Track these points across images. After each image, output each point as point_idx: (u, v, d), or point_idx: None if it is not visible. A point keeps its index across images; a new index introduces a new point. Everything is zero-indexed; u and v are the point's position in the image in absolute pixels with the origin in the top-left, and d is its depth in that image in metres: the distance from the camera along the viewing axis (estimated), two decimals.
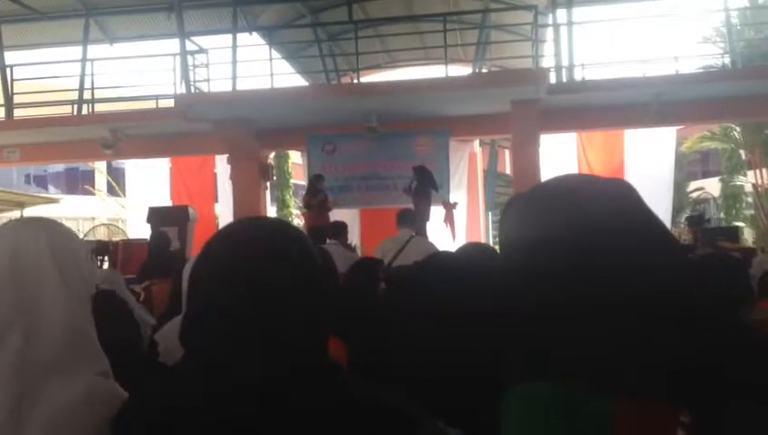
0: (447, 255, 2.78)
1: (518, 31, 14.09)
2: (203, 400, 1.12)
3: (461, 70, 15.66)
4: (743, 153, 20.87)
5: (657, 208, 1.14)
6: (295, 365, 1.12)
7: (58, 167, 32.75)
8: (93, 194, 29.42)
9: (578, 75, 12.23)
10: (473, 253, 2.46)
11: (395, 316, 2.50)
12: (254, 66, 14.39)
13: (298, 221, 19.33)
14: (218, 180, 15.68)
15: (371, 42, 15.49)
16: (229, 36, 13.65)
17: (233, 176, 12.76)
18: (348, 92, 12.46)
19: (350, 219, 12.16)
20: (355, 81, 14.41)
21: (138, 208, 15.17)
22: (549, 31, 12.83)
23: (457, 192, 13.50)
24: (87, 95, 14.01)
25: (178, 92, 12.68)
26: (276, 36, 14.83)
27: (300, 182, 17.90)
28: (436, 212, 11.26)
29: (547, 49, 13.50)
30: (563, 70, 12.03)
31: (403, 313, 2.39)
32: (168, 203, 15.18)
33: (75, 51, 14.67)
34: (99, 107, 14.36)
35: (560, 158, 13.99)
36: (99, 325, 1.57)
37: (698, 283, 1.13)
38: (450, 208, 11.89)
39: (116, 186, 24.55)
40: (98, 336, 1.44)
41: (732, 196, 21.82)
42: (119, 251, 11.85)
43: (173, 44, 13.56)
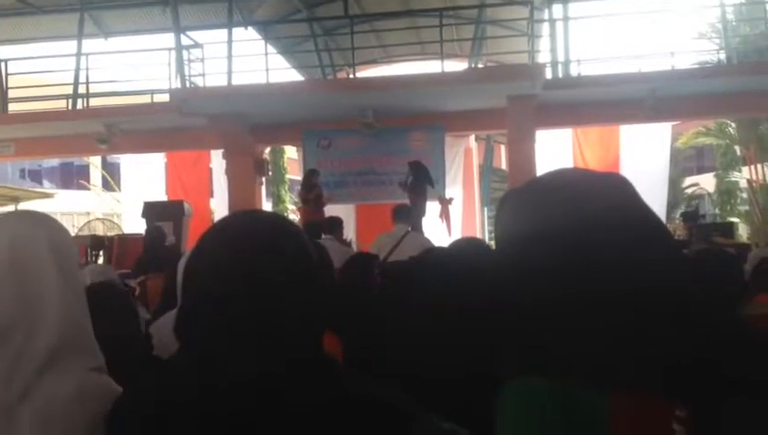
0: (443, 250, 2.78)
1: (514, 26, 14.08)
2: (198, 394, 1.11)
3: (457, 65, 15.67)
4: (738, 149, 20.89)
5: (652, 204, 1.14)
6: (291, 360, 1.12)
7: (53, 161, 32.70)
8: (88, 189, 29.35)
9: (574, 71, 12.25)
10: (466, 248, 2.45)
11: (390, 311, 2.50)
12: (250, 61, 14.32)
13: (293, 216, 19.32)
14: (214, 175, 15.64)
15: (367, 37, 15.45)
16: (224, 31, 13.62)
17: (228, 171, 12.74)
18: (343, 88, 12.45)
19: (346, 214, 12.16)
20: (351, 76, 14.39)
21: (133, 203, 15.14)
22: (545, 26, 12.82)
23: (453, 187, 13.51)
24: (82, 90, 13.95)
25: (173, 87, 12.65)
26: (272, 31, 14.80)
27: (295, 177, 17.90)
28: (431, 207, 11.27)
29: (543, 44, 13.49)
30: (559, 65, 12.04)
31: (398, 308, 2.39)
32: (164, 198, 15.15)
33: (70, 45, 14.64)
34: (93, 101, 14.30)
35: (555, 153, 14.00)
36: (102, 318, 1.57)
37: (693, 278, 1.14)
38: (446, 204, 11.89)
39: (111, 180, 24.50)
40: (102, 328, 1.44)
41: (727, 192, 21.84)
42: (114, 246, 11.83)
43: (168, 39, 13.53)
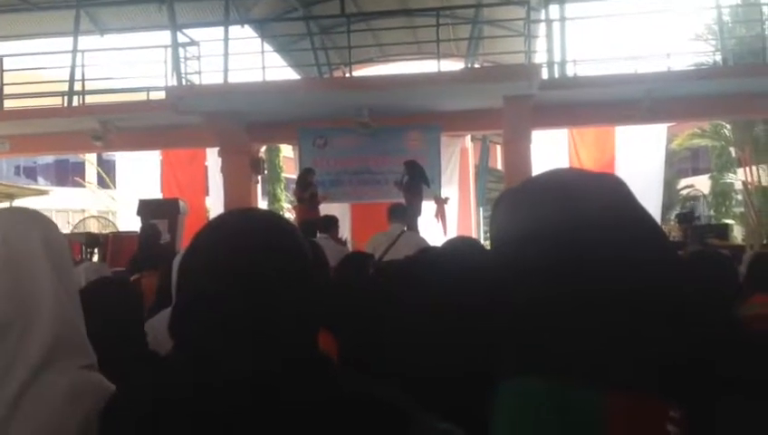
0: (438, 249, 2.78)
1: (511, 26, 14.10)
2: (192, 392, 1.11)
3: (453, 65, 15.68)
4: (733, 151, 20.95)
5: (647, 205, 1.14)
6: (286, 358, 1.12)
7: (48, 158, 32.60)
8: (83, 186, 29.28)
9: (570, 71, 12.27)
10: (461, 247, 2.45)
11: (386, 311, 2.49)
12: (246, 59, 14.33)
13: (289, 215, 19.31)
14: (209, 173, 15.64)
15: (364, 35, 15.44)
16: (221, 29, 13.60)
17: (224, 169, 12.73)
18: (340, 86, 12.45)
19: (342, 214, 12.17)
20: (347, 75, 14.39)
21: (128, 201, 15.13)
22: (541, 26, 12.83)
23: (449, 187, 13.53)
24: (77, 86, 13.92)
25: (169, 85, 12.63)
26: (268, 29, 14.80)
27: (291, 176, 17.89)
28: (427, 207, 11.28)
29: (539, 45, 13.51)
30: (555, 66, 12.05)
31: (394, 307, 2.39)
32: (159, 195, 15.14)
33: (66, 42, 14.61)
34: (89, 99, 14.30)
35: (551, 154, 14.03)
36: (111, 311, 1.57)
37: (688, 279, 1.14)
38: (441, 203, 11.91)
39: (106, 178, 24.45)
40: (109, 322, 1.43)
41: (722, 193, 21.91)
42: (109, 243, 11.82)
43: (164, 36, 13.53)
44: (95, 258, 11.64)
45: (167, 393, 1.15)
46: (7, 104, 13.90)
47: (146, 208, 11.60)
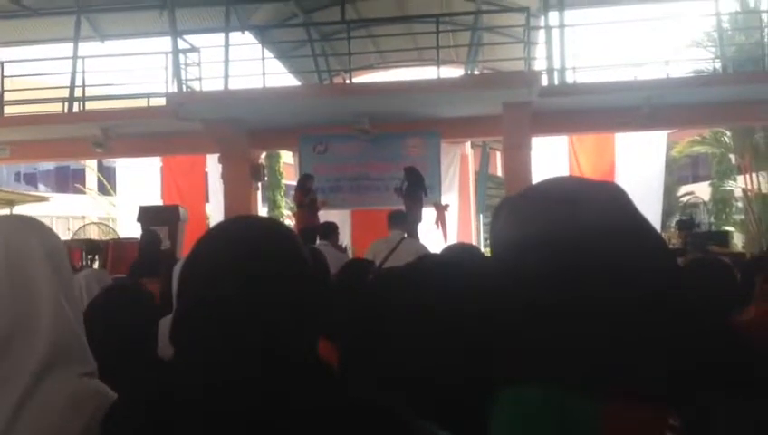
0: (437, 256, 2.78)
1: (510, 33, 14.13)
2: (192, 399, 1.11)
3: (453, 71, 15.69)
4: (733, 158, 20.95)
5: (647, 212, 1.14)
6: (285, 365, 1.12)
7: (48, 165, 32.62)
8: (84, 192, 29.27)
9: (569, 78, 12.27)
10: (460, 253, 2.46)
11: (385, 317, 2.49)
12: (246, 65, 14.37)
13: (289, 221, 19.30)
14: (209, 180, 15.63)
15: (364, 42, 15.49)
16: (221, 35, 13.62)
17: (224, 175, 12.73)
18: (340, 93, 12.46)
19: (341, 220, 12.16)
20: (347, 81, 14.41)
21: (128, 207, 15.11)
22: (541, 33, 12.86)
23: (449, 194, 13.53)
24: (78, 93, 13.94)
25: (170, 91, 12.64)
26: (269, 35, 14.80)
27: (291, 182, 17.89)
28: (427, 213, 11.27)
29: (539, 51, 13.54)
30: (555, 72, 12.06)
31: (394, 314, 2.38)
32: (159, 202, 15.13)
33: (66, 48, 14.62)
34: (90, 105, 14.30)
35: (551, 160, 14.03)
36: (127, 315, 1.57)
37: (688, 287, 1.14)
38: (442, 210, 11.90)
39: (107, 184, 24.44)
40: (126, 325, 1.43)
41: (722, 200, 21.88)
42: (109, 250, 11.81)
43: (165, 43, 13.54)
44: (95, 265, 11.64)
45: (166, 401, 1.15)
46: (8, 110, 13.90)
47: (146, 215, 11.59)
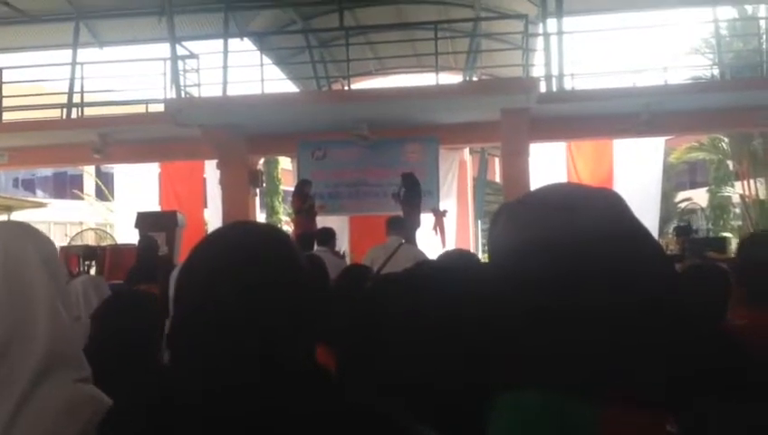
0: (435, 262, 2.78)
1: (509, 40, 14.16)
2: (189, 404, 1.11)
3: (452, 78, 15.70)
4: (730, 164, 21.00)
5: (644, 218, 1.14)
6: (282, 371, 1.12)
7: (46, 171, 32.62)
8: (81, 198, 29.26)
9: (568, 85, 12.28)
10: (457, 259, 2.46)
11: (383, 323, 2.49)
12: (245, 72, 14.36)
13: (287, 227, 19.29)
14: (207, 186, 15.62)
15: (362, 49, 15.49)
16: (220, 41, 13.63)
17: (222, 181, 12.72)
18: (338, 99, 12.46)
19: (340, 226, 12.15)
20: (346, 87, 14.41)
21: (126, 213, 15.09)
22: (539, 40, 12.87)
23: (447, 200, 13.53)
24: (76, 99, 13.95)
25: (169, 97, 12.64)
26: (267, 42, 14.83)
27: (289, 188, 17.92)
28: (425, 219, 11.26)
29: (537, 58, 13.56)
30: (553, 79, 12.07)
31: (391, 320, 2.38)
32: (157, 208, 15.12)
33: (65, 54, 14.65)
34: (88, 111, 14.30)
35: (549, 166, 14.03)
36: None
37: (684, 292, 1.14)
38: (440, 216, 11.90)
39: (105, 189, 24.42)
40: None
41: (719, 206, 21.92)
42: (106, 256, 11.80)
43: (164, 49, 13.54)
44: (93, 271, 11.62)
45: (162, 407, 1.15)
46: (6, 117, 13.90)
47: (144, 221, 11.58)
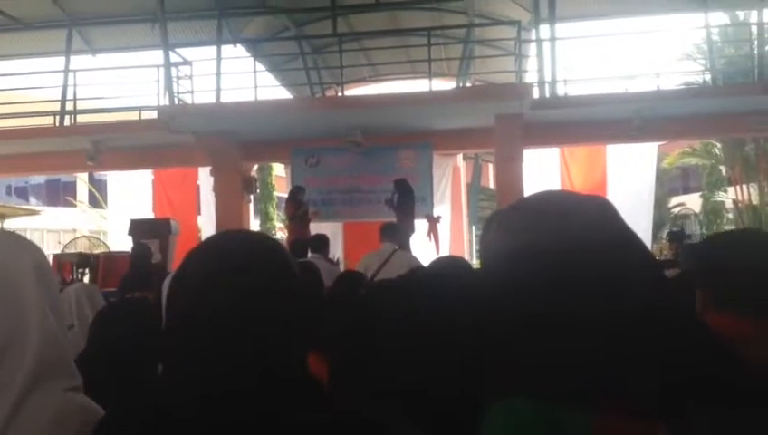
0: (428, 269, 2.78)
1: (502, 46, 14.20)
2: (178, 413, 1.10)
3: (445, 84, 15.76)
4: (723, 169, 21.08)
5: (638, 223, 1.15)
6: (274, 379, 1.11)
7: (39, 178, 32.55)
8: (75, 206, 29.20)
9: (561, 91, 12.31)
10: (448, 266, 2.45)
11: (377, 330, 2.49)
12: (238, 78, 14.37)
13: (281, 234, 19.29)
14: (201, 193, 15.60)
15: (356, 55, 15.53)
16: (213, 48, 13.64)
17: (216, 188, 12.72)
18: (332, 105, 12.47)
19: (334, 233, 12.15)
20: (339, 94, 14.43)
21: (119, 221, 15.07)
22: (532, 46, 12.91)
23: (441, 206, 13.54)
24: (69, 106, 13.93)
25: (162, 104, 12.63)
26: (260, 49, 14.85)
27: (283, 195, 17.94)
28: (419, 225, 11.27)
29: (530, 64, 13.60)
30: (546, 85, 12.11)
31: (385, 327, 2.38)
32: (151, 215, 15.09)
33: (58, 61, 14.62)
34: (81, 118, 14.28)
35: (543, 172, 14.07)
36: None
37: (677, 298, 1.14)
38: (434, 222, 11.90)
39: (98, 195, 24.36)
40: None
41: (713, 211, 22.00)
42: (100, 263, 11.76)
43: (157, 56, 13.54)
44: (86, 279, 11.59)
45: (153, 415, 1.14)
46: None
47: (137, 228, 11.56)
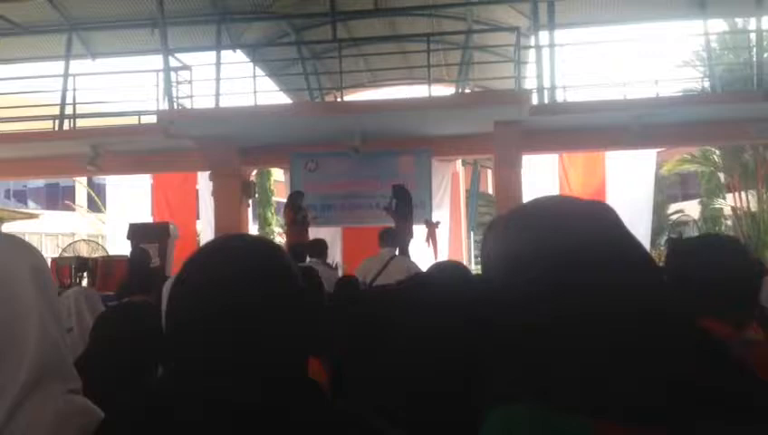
0: (427, 275, 2.78)
1: (501, 52, 14.22)
2: (178, 417, 1.11)
3: (444, 90, 15.76)
4: (722, 176, 21.08)
5: (637, 230, 1.15)
6: (272, 383, 1.11)
7: (38, 182, 32.53)
8: (73, 209, 29.17)
9: (560, 97, 12.33)
10: (449, 271, 2.46)
11: (377, 336, 2.49)
12: (238, 83, 14.40)
13: (280, 239, 19.28)
14: (200, 197, 15.59)
15: (355, 61, 15.55)
16: (213, 53, 13.65)
17: (215, 192, 12.72)
18: (331, 111, 12.47)
19: (333, 238, 12.14)
20: (338, 99, 14.43)
21: (118, 224, 15.05)
22: (531, 53, 12.93)
23: (439, 211, 13.53)
24: (69, 110, 13.92)
25: (161, 109, 12.63)
26: (260, 54, 14.86)
27: (282, 200, 17.92)
28: (418, 231, 11.26)
29: (529, 70, 13.61)
30: (545, 91, 12.12)
31: (385, 330, 2.38)
32: (150, 219, 15.09)
33: (57, 66, 14.63)
34: (80, 122, 14.28)
35: (541, 178, 14.07)
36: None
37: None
38: (432, 227, 11.90)
39: (97, 199, 24.33)
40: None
41: (711, 218, 22.01)
42: (98, 267, 11.75)
43: (156, 60, 13.55)
44: (84, 282, 11.57)
45: (152, 418, 1.14)
46: None
47: (136, 232, 11.56)
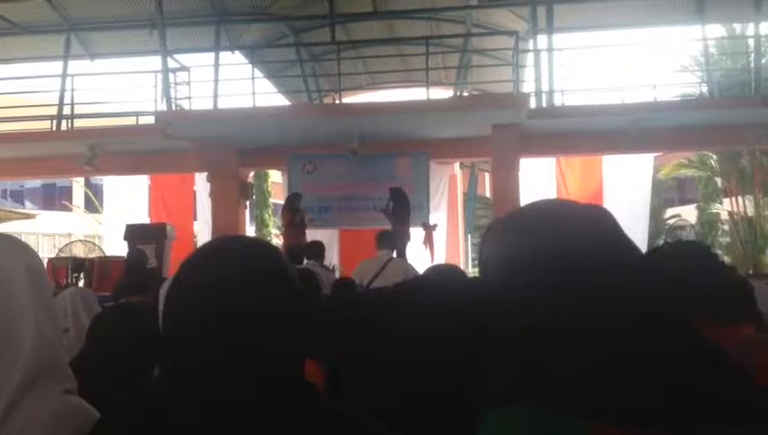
0: (423, 277, 2.79)
1: (499, 56, 14.24)
2: (174, 420, 1.10)
3: (442, 93, 15.77)
4: (719, 181, 21.10)
5: (634, 234, 1.15)
6: (268, 385, 1.11)
7: (35, 182, 32.48)
8: (70, 210, 29.13)
9: (558, 101, 12.34)
10: (444, 274, 2.46)
11: (374, 337, 2.49)
12: (236, 85, 14.37)
13: (277, 240, 19.27)
14: (197, 198, 15.59)
15: (354, 63, 15.55)
16: (211, 54, 13.65)
17: (212, 194, 12.71)
18: (329, 113, 12.48)
19: (330, 240, 12.14)
20: (337, 101, 14.43)
21: (115, 225, 15.04)
22: (529, 56, 12.95)
23: (437, 214, 13.54)
24: (67, 110, 13.91)
25: (159, 110, 12.62)
26: (259, 55, 14.85)
27: (279, 202, 17.91)
28: (415, 233, 11.26)
29: (527, 74, 13.63)
30: (543, 95, 12.13)
31: (381, 333, 2.38)
32: (147, 220, 15.07)
33: (56, 66, 14.62)
34: (78, 123, 14.26)
35: (539, 182, 14.08)
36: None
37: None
38: (430, 230, 11.90)
39: (94, 199, 24.31)
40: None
41: (708, 223, 22.02)
42: (95, 268, 11.73)
43: (155, 61, 13.54)
44: (81, 283, 11.55)
45: (147, 421, 1.14)
46: None
47: (133, 233, 11.54)
